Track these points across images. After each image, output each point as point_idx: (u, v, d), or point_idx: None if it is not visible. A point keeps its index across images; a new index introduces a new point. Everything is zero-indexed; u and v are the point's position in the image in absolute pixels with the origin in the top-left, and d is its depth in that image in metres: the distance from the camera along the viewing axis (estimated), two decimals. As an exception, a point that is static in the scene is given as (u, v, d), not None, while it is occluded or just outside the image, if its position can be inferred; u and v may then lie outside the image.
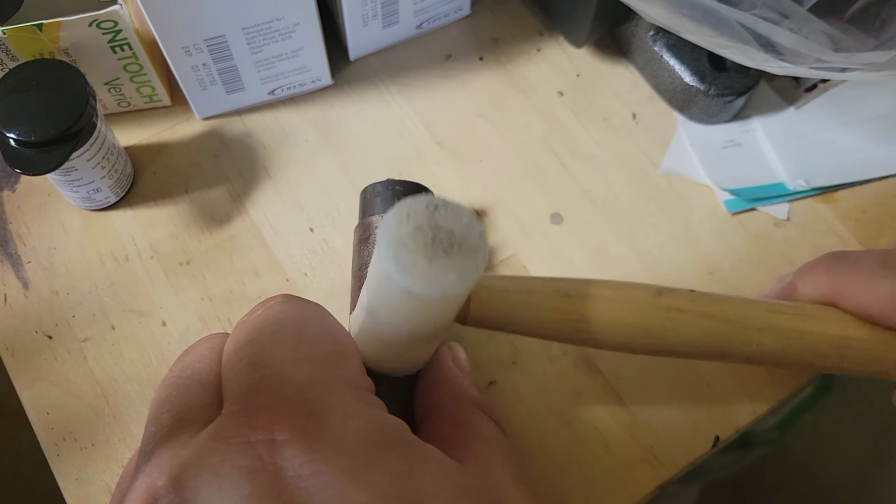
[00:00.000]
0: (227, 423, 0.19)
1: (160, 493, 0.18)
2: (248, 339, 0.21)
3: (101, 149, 0.34)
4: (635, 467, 0.31)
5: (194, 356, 0.22)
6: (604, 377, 0.33)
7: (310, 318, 0.22)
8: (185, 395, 0.21)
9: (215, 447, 0.18)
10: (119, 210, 0.37)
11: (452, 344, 0.30)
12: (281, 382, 0.19)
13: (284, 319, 0.22)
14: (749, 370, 0.33)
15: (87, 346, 0.34)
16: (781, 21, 0.29)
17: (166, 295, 0.35)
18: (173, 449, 0.19)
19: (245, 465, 0.17)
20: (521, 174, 0.38)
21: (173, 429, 0.20)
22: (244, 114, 0.39)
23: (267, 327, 0.21)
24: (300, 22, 0.35)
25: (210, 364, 0.22)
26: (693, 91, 0.37)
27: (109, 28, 0.34)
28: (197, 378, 0.21)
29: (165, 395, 0.21)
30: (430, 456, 0.19)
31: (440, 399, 0.27)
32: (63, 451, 0.32)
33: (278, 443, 0.18)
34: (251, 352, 0.21)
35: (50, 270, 0.36)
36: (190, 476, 0.18)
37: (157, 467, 0.18)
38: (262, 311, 0.22)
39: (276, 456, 0.18)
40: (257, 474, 0.17)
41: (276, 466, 0.17)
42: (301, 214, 0.37)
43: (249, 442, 0.18)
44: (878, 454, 0.87)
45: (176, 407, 0.20)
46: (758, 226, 0.37)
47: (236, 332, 0.22)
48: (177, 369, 0.22)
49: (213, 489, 0.17)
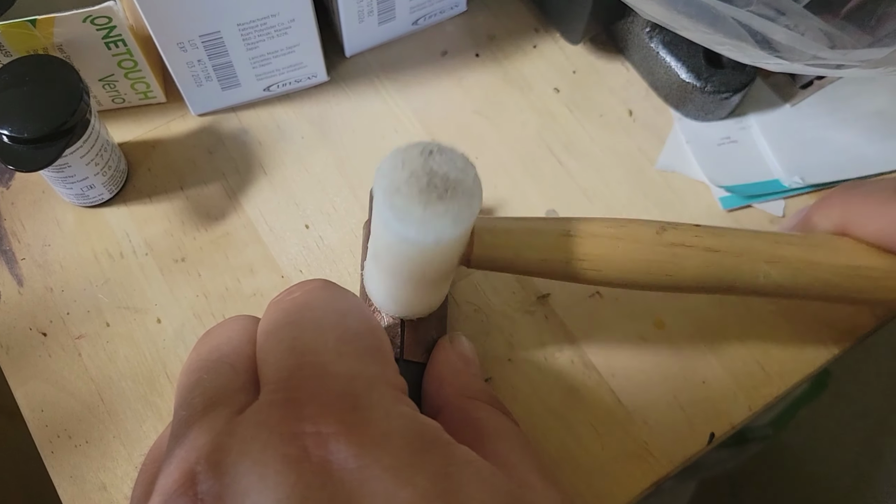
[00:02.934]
0: (270, 410, 0.18)
1: (199, 478, 0.17)
2: (289, 321, 0.21)
3: (95, 145, 0.34)
4: (631, 464, 0.31)
5: (221, 338, 0.22)
6: (599, 374, 0.33)
7: (352, 310, 0.22)
8: (217, 378, 0.20)
9: (257, 434, 0.18)
10: (114, 207, 0.37)
11: (455, 335, 0.30)
12: (324, 373, 0.19)
13: (327, 307, 0.21)
14: (743, 367, 0.33)
15: (81, 343, 0.34)
16: (777, 18, 0.29)
17: (161, 292, 0.35)
18: (209, 433, 0.18)
19: (290, 454, 0.17)
20: (517, 170, 0.38)
21: (207, 413, 0.19)
22: (239, 110, 0.39)
23: (308, 312, 0.21)
24: (295, 18, 0.35)
25: (240, 346, 0.21)
26: (689, 88, 0.37)
27: (104, 24, 0.33)
28: (227, 361, 0.21)
29: (196, 378, 0.21)
30: (467, 457, 0.19)
31: (446, 397, 0.27)
32: (57, 449, 0.32)
33: (324, 435, 0.18)
34: (292, 335, 0.20)
35: (44, 267, 0.35)
36: (230, 462, 0.17)
37: (195, 451, 0.18)
38: (300, 293, 0.22)
39: (322, 448, 0.17)
40: (303, 464, 0.17)
41: (323, 458, 0.17)
42: (296, 211, 0.37)
43: (294, 433, 0.18)
44: (873, 450, 0.87)
45: (209, 391, 0.20)
46: (753, 223, 0.37)
47: (272, 312, 0.22)
48: (204, 351, 0.22)
49: (254, 477, 0.17)
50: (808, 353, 0.34)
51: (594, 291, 0.35)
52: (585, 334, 0.34)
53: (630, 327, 0.34)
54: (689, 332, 0.34)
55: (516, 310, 0.34)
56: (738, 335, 0.34)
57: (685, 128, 0.39)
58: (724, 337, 0.34)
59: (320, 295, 0.22)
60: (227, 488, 0.17)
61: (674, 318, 0.34)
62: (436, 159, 0.22)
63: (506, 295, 0.35)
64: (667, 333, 0.34)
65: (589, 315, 0.34)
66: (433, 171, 0.22)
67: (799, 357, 0.34)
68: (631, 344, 0.34)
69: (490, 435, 0.24)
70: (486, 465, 0.20)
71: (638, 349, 0.34)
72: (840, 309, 0.34)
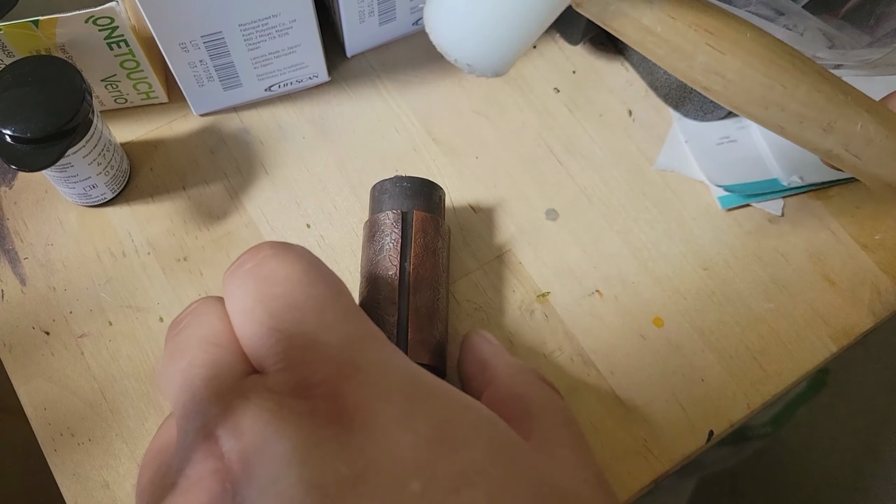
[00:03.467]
0: (276, 377, 0.20)
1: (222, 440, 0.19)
2: (257, 298, 0.21)
3: (97, 145, 0.34)
4: (630, 461, 0.32)
5: (195, 324, 0.22)
6: (598, 371, 0.33)
7: (313, 274, 0.22)
8: (208, 358, 0.21)
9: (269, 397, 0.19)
10: (116, 206, 0.37)
11: (476, 330, 0.32)
12: (315, 344, 0.20)
13: (288, 276, 0.22)
14: (742, 365, 0.33)
15: (84, 342, 0.34)
16: (776, 18, 0.29)
17: (163, 291, 0.35)
18: (221, 403, 0.19)
19: (303, 410, 0.19)
20: (516, 170, 0.38)
21: (211, 387, 0.20)
22: (241, 110, 0.40)
23: (272, 286, 0.21)
24: (297, 18, 0.35)
25: (218, 325, 0.22)
26: (688, 87, 0.37)
27: (106, 25, 0.34)
28: (210, 341, 0.22)
29: (186, 363, 0.21)
30: (463, 403, 0.21)
31: (493, 374, 0.28)
32: (60, 447, 0.32)
33: (330, 396, 0.19)
34: (268, 314, 0.21)
35: (47, 266, 0.36)
36: (248, 422, 0.19)
37: (211, 420, 0.19)
38: (252, 263, 0.22)
39: (331, 403, 0.19)
40: (315, 419, 0.19)
41: (333, 414, 0.19)
42: (298, 210, 0.37)
43: (304, 396, 0.19)
44: (872, 448, 0.87)
45: (204, 370, 0.21)
46: (752, 222, 0.37)
47: (234, 289, 0.22)
48: (181, 342, 0.22)
49: (272, 430, 0.18)
50: (807, 352, 0.34)
51: (594, 290, 0.35)
52: (585, 332, 0.34)
53: (629, 325, 0.34)
54: (687, 330, 0.34)
55: (516, 308, 0.35)
56: (737, 333, 0.34)
57: (684, 127, 0.39)
58: (722, 335, 0.34)
59: (275, 265, 0.22)
60: (247, 444, 0.18)
61: (673, 317, 0.34)
62: None
63: (506, 293, 0.35)
64: (666, 332, 0.34)
65: (588, 313, 0.34)
66: None
67: (798, 355, 0.34)
68: (630, 342, 0.34)
69: (536, 411, 0.25)
70: (485, 411, 0.21)
71: (637, 347, 0.34)
72: (839, 307, 0.35)
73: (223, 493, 0.18)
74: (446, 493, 0.18)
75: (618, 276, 0.35)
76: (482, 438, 0.20)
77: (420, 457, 0.18)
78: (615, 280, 0.35)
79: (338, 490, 0.17)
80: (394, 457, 0.18)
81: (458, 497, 0.18)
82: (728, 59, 0.24)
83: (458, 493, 0.18)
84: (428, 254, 0.31)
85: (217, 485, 0.18)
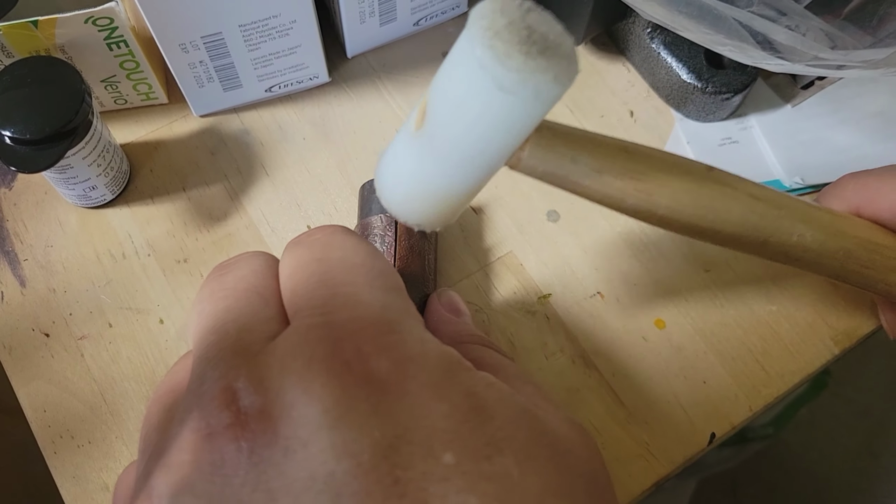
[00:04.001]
0: (308, 332, 0.19)
1: (241, 394, 0.18)
2: (315, 257, 0.21)
3: (97, 146, 0.34)
4: (631, 464, 0.31)
5: (245, 270, 0.22)
6: (600, 373, 0.33)
7: (374, 252, 0.22)
8: (248, 306, 0.21)
9: (299, 351, 0.18)
10: (116, 208, 0.37)
11: (442, 290, 0.31)
12: (358, 301, 0.20)
13: (352, 247, 0.22)
14: (744, 367, 0.33)
15: (84, 344, 0.34)
16: (778, 18, 0.29)
17: (163, 292, 0.35)
18: (245, 355, 0.19)
19: (334, 368, 0.18)
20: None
21: (242, 337, 0.19)
22: (241, 111, 0.39)
23: (334, 251, 0.22)
24: (297, 19, 0.35)
25: (266, 280, 0.22)
26: (690, 88, 0.37)
27: (106, 25, 0.33)
28: (256, 291, 0.21)
29: (225, 305, 0.21)
30: (487, 380, 0.20)
31: None
32: (60, 449, 0.32)
33: (365, 353, 0.18)
34: (322, 269, 0.21)
35: (47, 268, 0.35)
36: (273, 377, 0.18)
37: (233, 370, 0.18)
38: (321, 234, 0.23)
39: (364, 364, 0.18)
40: (346, 377, 0.18)
41: (366, 371, 0.18)
42: (298, 212, 0.37)
43: (336, 350, 0.18)
44: (872, 449, 0.87)
45: (242, 318, 0.20)
46: (754, 223, 0.37)
47: (295, 250, 0.22)
48: (227, 282, 0.22)
49: (299, 390, 0.17)
50: (809, 354, 0.34)
51: (595, 292, 0.35)
52: (586, 334, 0.34)
53: (631, 327, 0.34)
54: (689, 332, 0.34)
55: (517, 310, 0.34)
56: (738, 335, 0.34)
57: (686, 128, 0.39)
58: (724, 337, 0.34)
59: (342, 237, 0.22)
60: (271, 403, 0.17)
61: (674, 319, 0.34)
62: (533, 17, 0.21)
63: (507, 295, 0.35)
64: (667, 333, 0.34)
65: (590, 315, 0.34)
66: (532, 27, 0.20)
67: (799, 357, 0.34)
68: (631, 344, 0.34)
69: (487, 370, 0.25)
70: (505, 387, 0.21)
71: (639, 349, 0.34)
72: (841, 309, 0.35)
73: (236, 452, 0.17)
74: (479, 461, 0.18)
75: (619, 277, 0.35)
76: (507, 408, 0.20)
77: (452, 427, 0.18)
78: (617, 282, 0.35)
79: (371, 458, 0.17)
80: (427, 426, 0.18)
81: (490, 464, 0.18)
82: (655, 199, 0.25)
83: (491, 461, 0.18)
84: (413, 255, 0.31)
85: (230, 442, 0.17)
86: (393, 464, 0.17)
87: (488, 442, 0.18)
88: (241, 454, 0.17)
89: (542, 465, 0.19)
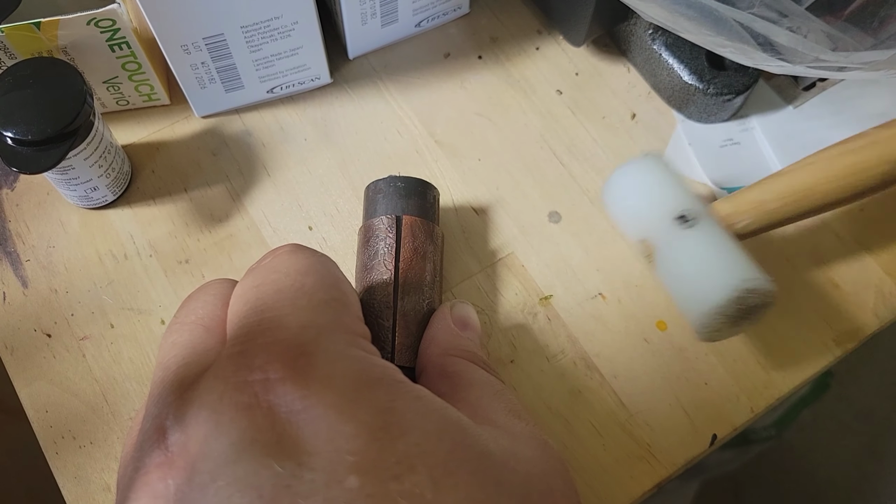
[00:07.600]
0: (225, 363, 0.20)
1: (169, 431, 0.19)
2: (255, 284, 0.22)
3: (99, 147, 0.34)
4: (633, 466, 0.31)
5: (198, 302, 0.23)
6: (601, 375, 0.33)
7: (312, 268, 0.23)
8: (190, 339, 0.22)
9: (213, 386, 0.19)
10: (118, 208, 0.37)
11: (457, 302, 0.31)
12: (278, 326, 0.20)
13: (289, 268, 0.23)
14: (746, 369, 0.33)
15: (85, 345, 0.34)
16: (780, 20, 0.29)
17: (165, 293, 0.35)
18: (179, 391, 0.20)
19: (241, 401, 0.19)
20: (519, 172, 0.38)
21: (179, 373, 0.21)
22: (243, 112, 0.39)
23: (272, 274, 0.22)
24: (299, 20, 0.35)
25: (214, 310, 0.23)
26: (691, 90, 0.37)
27: (108, 27, 0.33)
28: (201, 323, 0.22)
29: (172, 340, 0.22)
30: (413, 393, 0.21)
31: (429, 356, 0.28)
32: (62, 450, 0.32)
33: (272, 381, 0.19)
34: (255, 296, 0.22)
35: (49, 269, 0.36)
36: (192, 414, 0.19)
37: (165, 409, 0.20)
38: (270, 258, 0.23)
39: (270, 393, 0.19)
40: (252, 410, 0.18)
41: (270, 403, 0.19)
42: (300, 213, 0.37)
43: (246, 381, 0.19)
44: (875, 450, 0.87)
45: (183, 352, 0.21)
46: (756, 224, 0.37)
47: (245, 277, 0.23)
48: (181, 315, 0.23)
49: (211, 425, 0.18)
50: (811, 355, 0.34)
51: (597, 293, 0.35)
52: (588, 336, 0.34)
53: (632, 329, 0.34)
54: (691, 333, 0.34)
55: (519, 311, 0.34)
56: (739, 337, 0.34)
57: (688, 130, 0.39)
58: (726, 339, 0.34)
59: (286, 259, 0.23)
60: (190, 438, 0.18)
61: (676, 320, 0.34)
62: (750, 299, 0.28)
63: (508, 296, 0.35)
64: (669, 335, 0.34)
65: (591, 317, 0.34)
66: (746, 308, 0.28)
67: (801, 358, 0.34)
68: (633, 346, 0.34)
69: (463, 384, 0.25)
70: (438, 401, 0.21)
71: (640, 351, 0.34)
72: (843, 310, 0.34)
73: (165, 490, 0.18)
74: (386, 482, 0.18)
75: (621, 278, 0.35)
76: (428, 422, 0.20)
77: (360, 447, 0.18)
78: (618, 283, 0.35)
79: (271, 490, 0.17)
80: (331, 450, 0.18)
81: (399, 484, 0.18)
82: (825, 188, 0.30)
83: (400, 480, 0.18)
84: (417, 258, 0.31)
85: (159, 481, 0.18)
86: (294, 493, 0.17)
87: (399, 460, 0.18)
88: (168, 491, 0.18)
89: (463, 479, 0.19)
